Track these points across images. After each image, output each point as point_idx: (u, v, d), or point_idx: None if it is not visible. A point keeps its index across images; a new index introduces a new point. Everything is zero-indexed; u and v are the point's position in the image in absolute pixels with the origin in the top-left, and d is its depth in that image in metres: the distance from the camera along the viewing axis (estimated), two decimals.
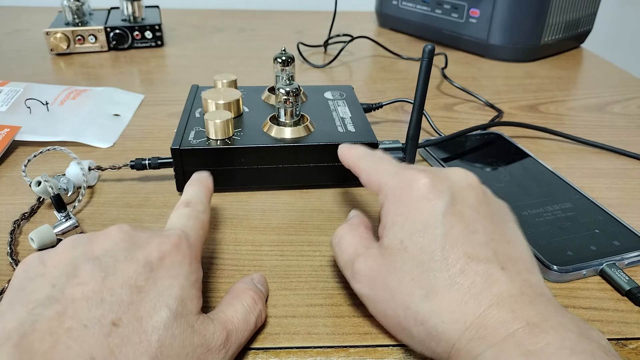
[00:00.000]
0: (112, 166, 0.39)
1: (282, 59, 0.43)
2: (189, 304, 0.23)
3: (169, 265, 0.24)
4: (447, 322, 0.23)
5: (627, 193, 0.41)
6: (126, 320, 0.21)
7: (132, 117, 0.52)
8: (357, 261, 0.26)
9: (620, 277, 0.30)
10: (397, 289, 0.24)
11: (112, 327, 0.21)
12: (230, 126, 0.38)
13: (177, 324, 0.22)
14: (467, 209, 0.25)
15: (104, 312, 0.21)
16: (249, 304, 0.27)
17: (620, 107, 0.58)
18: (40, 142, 0.45)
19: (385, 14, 0.84)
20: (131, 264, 0.23)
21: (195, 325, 0.23)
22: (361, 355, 0.26)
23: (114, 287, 0.22)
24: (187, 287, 0.24)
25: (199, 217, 0.28)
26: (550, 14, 0.68)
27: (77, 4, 0.69)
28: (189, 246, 0.25)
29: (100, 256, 0.23)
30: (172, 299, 0.23)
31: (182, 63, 0.68)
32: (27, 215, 0.36)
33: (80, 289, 0.22)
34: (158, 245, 0.24)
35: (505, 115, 0.55)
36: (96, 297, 0.21)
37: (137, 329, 0.21)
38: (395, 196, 0.26)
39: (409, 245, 0.24)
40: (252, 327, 0.26)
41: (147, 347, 0.21)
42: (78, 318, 0.21)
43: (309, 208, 0.38)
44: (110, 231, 0.25)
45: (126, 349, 0.21)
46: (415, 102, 0.38)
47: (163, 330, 0.22)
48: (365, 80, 0.64)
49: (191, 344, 0.23)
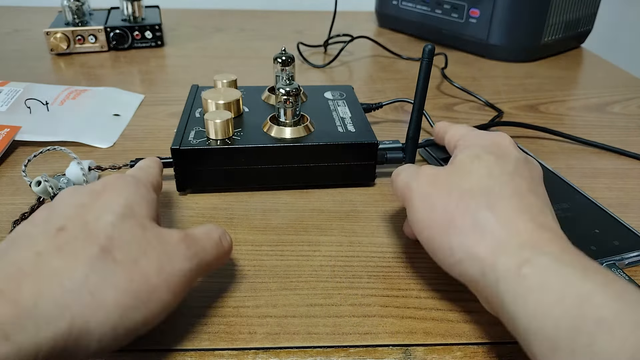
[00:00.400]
0: (112, 166, 0.39)
1: (282, 59, 0.43)
2: (137, 209, 0.25)
3: (112, 187, 0.26)
4: (501, 220, 0.24)
5: (627, 193, 0.41)
6: (71, 225, 0.23)
7: (132, 117, 0.52)
8: (425, 167, 0.30)
9: (620, 277, 0.30)
10: (459, 184, 0.26)
11: (57, 232, 0.22)
12: (230, 126, 0.38)
13: (125, 222, 0.24)
14: (535, 174, 0.28)
15: (49, 226, 0.23)
16: (209, 226, 0.28)
17: (620, 107, 0.58)
18: (40, 142, 0.45)
19: (385, 14, 0.84)
20: (77, 194, 0.25)
21: (148, 225, 0.24)
22: (361, 355, 0.26)
23: (59, 210, 0.24)
24: (134, 198, 0.25)
25: (148, 169, 0.31)
26: (550, 14, 0.68)
27: (77, 4, 0.69)
28: (134, 177, 0.28)
29: (52, 202, 0.26)
30: (117, 205, 0.24)
31: (182, 63, 0.68)
32: (27, 215, 0.36)
33: (31, 224, 0.24)
34: (102, 180, 0.27)
35: (505, 115, 0.55)
36: (42, 223, 0.23)
37: (83, 229, 0.23)
38: (479, 136, 0.30)
39: (484, 158, 0.27)
40: (215, 239, 0.27)
41: (95, 239, 0.22)
42: (25, 237, 0.23)
43: (309, 208, 0.38)
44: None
45: (73, 243, 0.22)
46: (415, 102, 0.38)
47: (110, 227, 0.23)
48: (365, 80, 0.64)
49: (144, 237, 0.24)
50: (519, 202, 0.25)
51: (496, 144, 0.29)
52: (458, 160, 0.28)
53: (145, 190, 0.27)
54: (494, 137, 0.30)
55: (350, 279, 0.31)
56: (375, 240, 0.35)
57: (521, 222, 0.24)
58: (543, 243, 0.23)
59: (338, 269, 0.32)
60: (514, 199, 0.25)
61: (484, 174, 0.26)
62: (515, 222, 0.24)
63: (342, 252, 0.34)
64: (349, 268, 0.32)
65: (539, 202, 0.26)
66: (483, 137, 0.30)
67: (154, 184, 0.30)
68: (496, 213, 0.24)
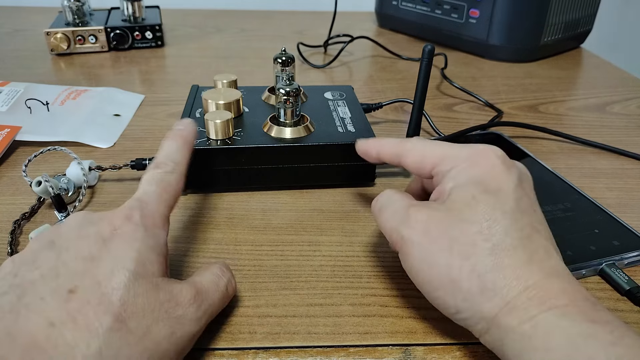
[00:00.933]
0: (113, 166, 0.39)
1: (282, 59, 0.44)
2: (149, 266, 0.24)
3: (121, 234, 0.24)
4: (508, 278, 0.23)
5: (626, 193, 0.41)
6: (83, 286, 0.22)
7: (132, 117, 0.52)
8: (413, 208, 0.26)
9: (619, 277, 0.31)
10: (458, 238, 0.24)
11: (69, 295, 0.21)
12: (231, 126, 0.38)
13: (138, 284, 0.23)
14: (528, 189, 0.27)
15: (60, 283, 0.22)
16: (217, 272, 0.27)
17: (620, 107, 0.58)
18: (40, 142, 0.45)
19: (385, 15, 0.84)
20: (83, 240, 0.24)
21: (160, 284, 0.23)
22: (361, 355, 0.26)
23: (67, 262, 0.23)
24: (144, 251, 0.24)
25: (164, 180, 0.28)
26: (550, 14, 0.68)
27: (78, 4, 0.69)
28: (142, 215, 0.25)
29: (55, 239, 0.24)
30: (129, 261, 0.23)
31: (182, 63, 0.68)
32: (28, 215, 0.36)
33: (38, 271, 0.22)
34: (109, 219, 0.25)
35: (505, 115, 0.55)
36: (51, 273, 0.22)
37: (96, 291, 0.22)
38: (468, 162, 0.27)
39: (482, 200, 0.25)
40: (222, 289, 0.26)
41: (109, 306, 0.21)
42: (35, 293, 0.22)
43: (309, 208, 0.38)
44: (68, 219, 0.26)
45: (86, 310, 0.21)
46: (415, 102, 0.38)
47: (124, 290, 0.22)
48: (365, 80, 0.64)
49: (157, 300, 0.23)
50: (524, 251, 0.23)
51: (488, 173, 0.26)
52: (451, 202, 0.26)
53: (153, 231, 0.25)
54: (484, 162, 0.26)
55: (350, 279, 0.31)
56: (375, 240, 0.35)
57: (530, 275, 0.23)
58: (551, 294, 0.22)
59: (338, 269, 0.32)
60: (519, 250, 0.23)
61: (484, 223, 0.24)
62: (524, 277, 0.23)
63: (342, 252, 0.34)
64: (349, 268, 0.32)
65: (542, 238, 0.25)
66: (472, 164, 0.26)
67: (167, 207, 0.27)
68: (503, 272, 0.23)
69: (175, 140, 0.30)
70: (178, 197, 0.28)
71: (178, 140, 0.30)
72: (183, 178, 0.29)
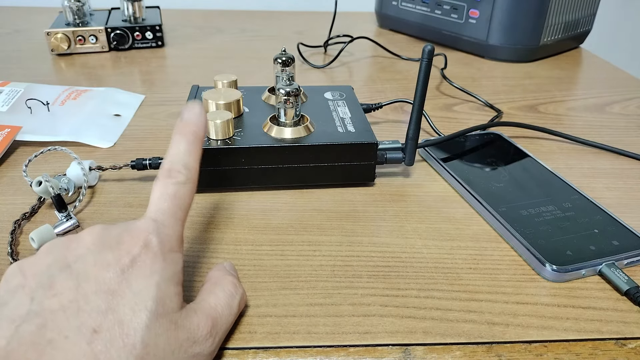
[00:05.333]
0: (113, 166, 0.39)
1: (282, 59, 0.44)
2: (168, 303, 0.23)
3: (140, 265, 0.24)
4: None
5: (626, 193, 0.41)
6: (106, 326, 0.21)
7: (132, 117, 0.52)
8: None
9: (619, 276, 0.31)
10: None
11: (93, 335, 0.21)
12: (231, 126, 0.38)
13: (159, 324, 0.22)
14: None
15: (83, 321, 0.21)
16: (230, 289, 0.27)
17: (620, 107, 0.58)
18: (41, 142, 0.45)
19: (385, 15, 0.84)
20: (102, 270, 0.23)
21: (179, 321, 0.23)
22: (361, 355, 0.27)
23: (88, 295, 0.22)
24: (164, 285, 0.24)
25: (177, 194, 0.26)
26: (550, 15, 0.68)
27: (78, 5, 0.69)
28: (160, 242, 0.24)
29: (72, 264, 0.23)
30: (150, 299, 0.23)
31: (182, 63, 0.68)
32: (28, 215, 0.36)
33: (57, 300, 0.22)
34: (127, 247, 0.24)
35: (505, 115, 0.55)
36: (72, 306, 0.22)
37: (120, 332, 0.21)
38: None
39: None
40: (235, 311, 0.26)
41: (132, 349, 0.21)
42: (58, 329, 0.21)
43: (309, 208, 0.38)
44: (82, 235, 0.25)
45: (110, 353, 0.21)
46: (415, 103, 0.38)
47: (145, 331, 0.22)
48: (365, 80, 0.64)
49: (177, 340, 0.23)
50: None
51: None
52: None
53: (171, 257, 0.25)
54: None
55: (350, 279, 0.31)
56: (375, 240, 0.35)
57: None
58: None
59: (338, 269, 0.32)
60: None
61: None
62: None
63: (342, 252, 0.34)
64: (348, 268, 0.32)
65: None
66: None
67: (182, 225, 0.26)
68: None
69: (186, 136, 0.28)
70: (189, 207, 0.27)
71: (189, 136, 0.28)
72: (195, 187, 0.27)
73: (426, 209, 0.38)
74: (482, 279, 0.32)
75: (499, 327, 0.28)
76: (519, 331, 0.28)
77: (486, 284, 0.31)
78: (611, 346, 0.27)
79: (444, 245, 0.35)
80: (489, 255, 0.34)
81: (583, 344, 0.27)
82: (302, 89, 0.46)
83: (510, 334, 0.28)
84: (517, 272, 0.32)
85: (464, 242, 0.35)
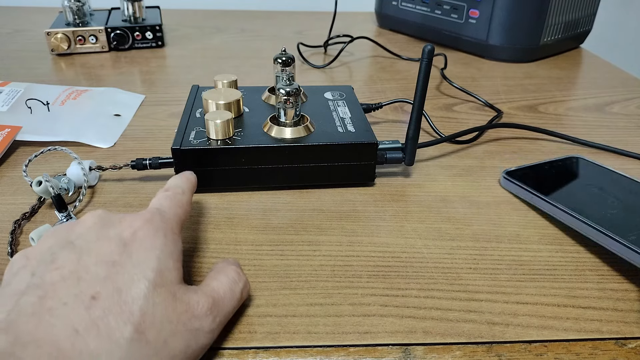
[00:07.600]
0: (113, 166, 0.39)
1: (282, 59, 0.44)
2: (167, 275, 0.24)
3: (142, 238, 0.24)
4: None
5: None
6: (105, 293, 0.22)
7: (132, 117, 0.52)
8: None
9: None
10: None
11: (91, 301, 0.21)
12: (231, 126, 0.38)
13: (157, 293, 0.23)
14: None
15: (82, 289, 0.22)
16: (233, 276, 0.27)
17: (620, 107, 0.58)
18: (41, 142, 0.45)
19: (385, 15, 0.84)
20: (104, 242, 0.24)
21: (178, 294, 0.24)
22: (361, 354, 0.27)
23: (88, 265, 0.23)
24: (163, 259, 0.24)
25: (176, 197, 0.29)
26: (550, 15, 0.68)
27: (78, 5, 0.69)
28: (162, 220, 0.26)
29: (74, 240, 0.24)
30: (149, 270, 0.23)
31: (182, 63, 0.68)
32: (28, 215, 0.36)
33: (58, 272, 0.22)
34: (130, 222, 0.25)
35: (505, 115, 0.55)
36: (72, 276, 0.22)
37: (117, 300, 0.22)
38: None
39: None
40: (237, 296, 0.27)
41: (129, 316, 0.22)
42: (58, 297, 0.21)
43: (309, 208, 0.38)
44: (85, 217, 0.26)
45: (108, 319, 0.21)
46: (415, 103, 0.38)
47: (143, 300, 0.22)
48: (365, 80, 0.64)
49: (174, 311, 0.23)
50: None
51: None
52: None
53: (172, 237, 0.26)
54: None
55: (350, 279, 0.31)
56: (375, 240, 0.35)
57: None
58: None
59: (338, 269, 0.32)
60: None
61: None
62: None
63: (342, 252, 0.34)
64: (348, 268, 0.32)
65: None
66: None
67: (181, 219, 0.28)
68: None
69: (180, 177, 0.32)
70: (188, 216, 0.30)
71: (183, 177, 0.32)
72: (191, 203, 0.30)
73: (426, 209, 0.38)
74: (482, 279, 0.32)
75: (499, 327, 0.28)
76: (519, 331, 0.28)
77: (486, 284, 0.31)
78: (611, 346, 0.27)
79: (444, 245, 0.35)
80: (489, 255, 0.34)
81: (583, 344, 0.27)
82: (302, 89, 0.46)
83: (510, 334, 0.28)
84: None
85: (464, 242, 0.35)
